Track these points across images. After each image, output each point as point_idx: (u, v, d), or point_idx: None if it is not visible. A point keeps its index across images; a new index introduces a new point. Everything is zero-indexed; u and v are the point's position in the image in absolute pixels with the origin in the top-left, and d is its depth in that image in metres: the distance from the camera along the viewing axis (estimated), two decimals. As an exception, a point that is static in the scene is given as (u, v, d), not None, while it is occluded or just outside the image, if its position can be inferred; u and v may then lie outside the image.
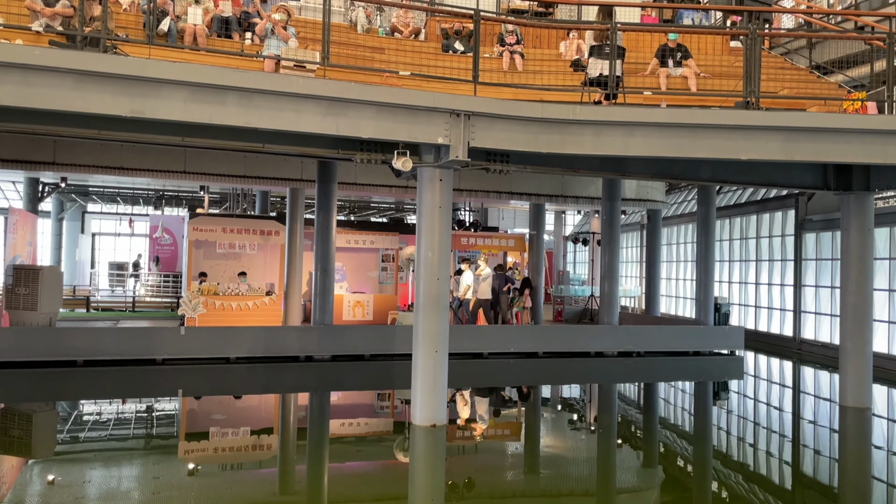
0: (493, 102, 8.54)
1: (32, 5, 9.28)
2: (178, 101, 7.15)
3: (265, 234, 16.45)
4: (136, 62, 7.03)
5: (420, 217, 8.96)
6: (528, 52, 13.36)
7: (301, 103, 7.78)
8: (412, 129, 8.28)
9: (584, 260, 30.88)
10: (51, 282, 13.34)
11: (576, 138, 8.59)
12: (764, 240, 19.88)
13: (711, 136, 8.45)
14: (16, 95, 6.47)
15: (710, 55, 13.49)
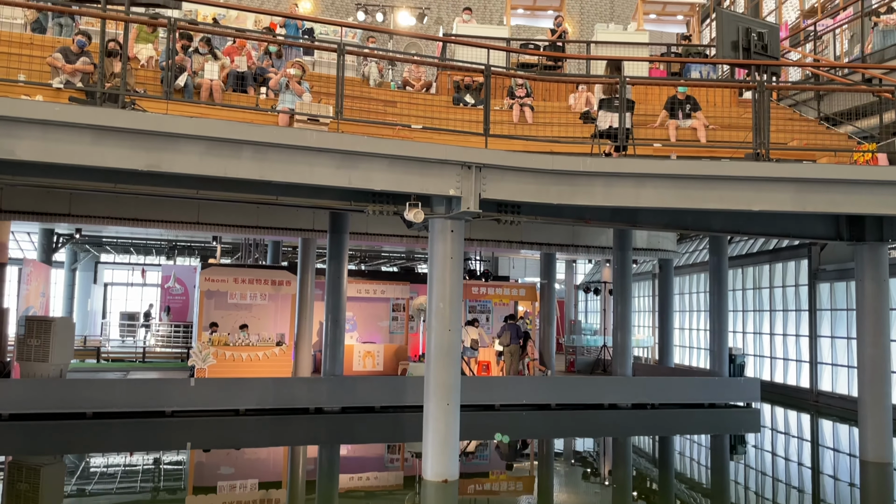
0: (503, 154, 8.61)
1: (53, 62, 9.53)
2: (194, 155, 7.25)
3: (276, 284, 16.49)
4: (153, 118, 7.16)
5: (431, 268, 8.96)
6: (537, 105, 13.54)
7: (314, 156, 7.88)
8: (424, 181, 8.35)
9: (595, 309, 30.69)
10: (63, 333, 13.36)
11: (586, 189, 8.63)
12: (777, 290, 19.72)
13: (722, 188, 8.47)
14: (36, 150, 6.59)
15: (719, 107, 13.63)
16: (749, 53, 8.66)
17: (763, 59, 8.68)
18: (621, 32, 16.34)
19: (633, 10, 20.13)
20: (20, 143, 6.56)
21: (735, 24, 8.77)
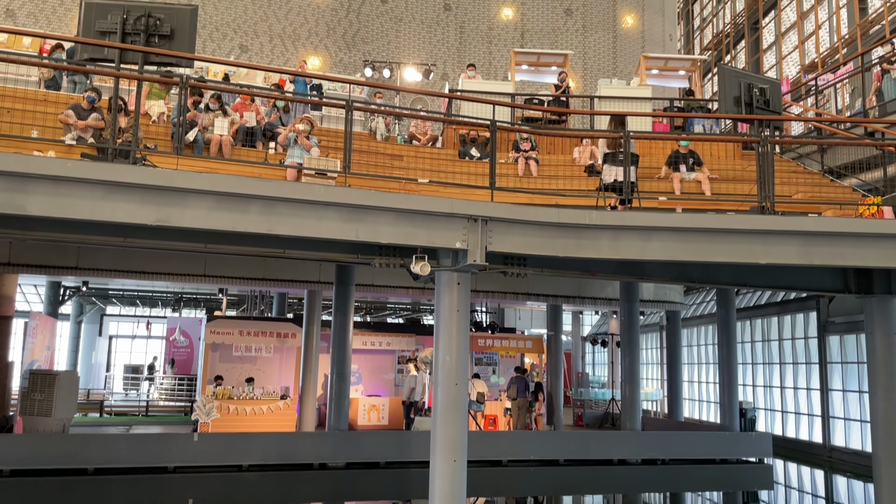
0: (509, 208, 8.65)
1: (66, 119, 9.70)
2: (203, 210, 7.30)
3: (282, 336, 16.43)
4: (163, 173, 7.24)
5: (438, 321, 8.92)
6: (542, 158, 13.67)
7: (322, 210, 7.92)
8: (430, 235, 8.37)
9: (603, 361, 30.40)
10: (67, 387, 13.27)
11: (593, 243, 8.63)
12: (787, 342, 19.53)
13: (729, 241, 8.46)
14: (47, 206, 6.65)
15: (723, 160, 13.74)
16: (752, 108, 8.76)
17: (766, 113, 8.78)
18: (624, 87, 16.60)
19: (635, 66, 20.48)
20: (31, 199, 6.63)
21: (737, 79, 8.90)
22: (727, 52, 30.10)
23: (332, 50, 23.60)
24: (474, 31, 24.74)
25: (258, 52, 22.91)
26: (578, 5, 24.99)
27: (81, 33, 7.48)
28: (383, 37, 24.14)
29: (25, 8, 21.20)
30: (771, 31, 27.42)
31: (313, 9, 23.57)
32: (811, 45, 23.68)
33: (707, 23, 33.61)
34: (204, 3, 22.40)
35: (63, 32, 20.15)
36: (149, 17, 7.47)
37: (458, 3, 24.76)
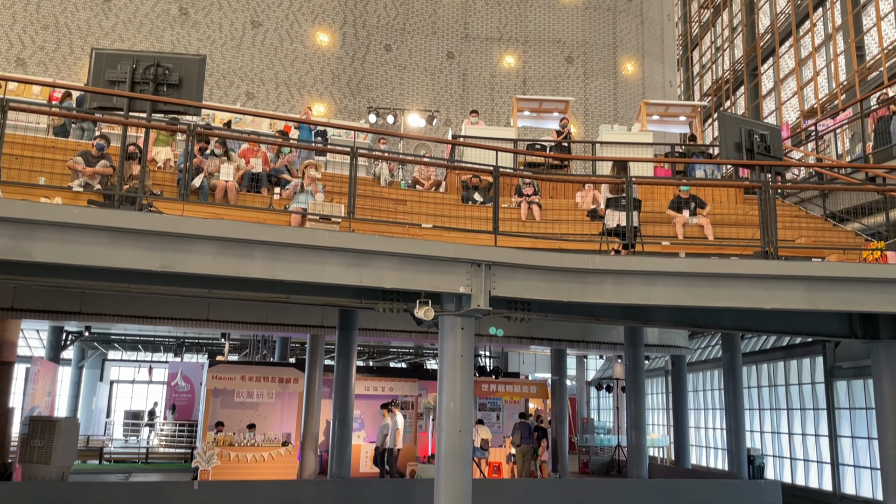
0: (513, 252, 8.67)
1: (74, 165, 9.81)
2: (208, 256, 7.33)
3: (284, 381, 16.31)
4: (168, 219, 7.29)
5: (441, 366, 8.87)
6: (545, 203, 13.74)
7: (326, 255, 7.94)
8: (434, 279, 8.37)
9: (608, 406, 30.07)
10: (67, 434, 13.15)
11: (596, 287, 8.62)
12: (794, 387, 19.33)
13: (733, 286, 8.45)
14: (52, 252, 6.69)
15: (725, 204, 13.80)
16: (752, 154, 8.84)
17: (767, 159, 8.85)
18: (625, 133, 16.77)
19: (636, 112, 20.73)
20: (37, 245, 6.66)
21: (737, 125, 8.99)
22: (727, 97, 30.49)
23: (336, 97, 23.95)
24: (477, 78, 25.13)
25: (264, 99, 23.26)
26: (579, 53, 25.42)
27: (91, 82, 7.61)
28: (387, 84, 24.52)
29: (36, 57, 21.62)
30: (770, 77, 27.81)
31: (319, 57, 24.00)
32: (810, 91, 23.99)
33: (706, 69, 34.12)
34: (211, 51, 22.83)
35: (72, 81, 20.50)
36: (158, 66, 7.61)
37: (460, 51, 25.21)
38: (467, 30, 25.36)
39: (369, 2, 24.76)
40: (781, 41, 26.51)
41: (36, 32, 21.71)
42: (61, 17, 22.00)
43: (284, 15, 23.93)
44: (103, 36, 22.14)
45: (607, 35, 25.68)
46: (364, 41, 24.50)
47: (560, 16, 25.59)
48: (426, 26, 25.11)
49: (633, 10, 26.05)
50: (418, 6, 25.17)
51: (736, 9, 31.02)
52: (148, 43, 22.43)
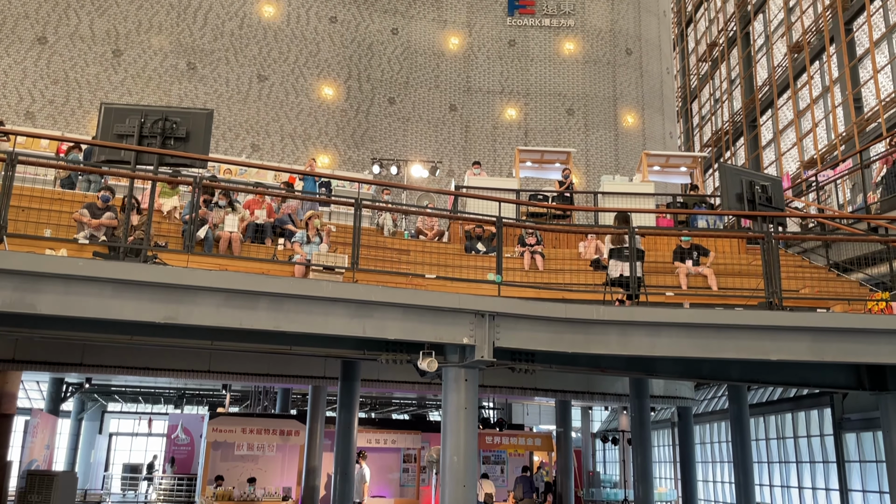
0: (516, 303, 8.65)
1: (80, 218, 9.88)
2: (211, 307, 7.32)
3: (285, 434, 16.11)
4: (172, 271, 7.31)
5: (445, 419, 8.75)
6: (548, 252, 13.76)
7: (329, 306, 7.93)
8: (437, 330, 8.34)
9: (614, 459, 29.57)
10: (65, 489, 12.96)
11: (601, 338, 8.57)
12: (802, 439, 19.03)
13: (738, 337, 8.40)
14: (56, 305, 6.69)
15: (728, 254, 13.81)
16: (754, 205, 8.89)
17: (769, 210, 8.89)
18: (627, 183, 16.89)
19: (637, 163, 20.92)
20: (42, 298, 6.67)
21: (738, 177, 9.07)
22: (727, 148, 30.80)
23: (341, 148, 24.24)
24: (479, 130, 25.46)
25: (269, 151, 23.54)
26: (580, 105, 25.80)
27: (100, 136, 7.72)
28: (391, 135, 24.85)
29: (45, 111, 21.98)
30: (769, 128, 28.14)
31: (324, 110, 24.37)
32: (809, 142, 24.24)
33: (706, 121, 34.56)
34: (218, 104, 23.21)
35: (81, 133, 20.80)
36: (165, 120, 7.73)
37: (463, 103, 25.60)
38: (469, 83, 25.81)
39: (374, 56, 25.26)
40: (779, 93, 26.90)
41: (46, 87, 22.12)
42: (71, 71, 22.45)
43: (290, 69, 24.40)
44: (112, 90, 22.55)
45: (607, 88, 26.10)
46: (368, 94, 24.91)
47: (560, 69, 26.06)
48: (429, 80, 25.56)
49: (632, 64, 26.53)
50: (422, 61, 25.66)
51: (734, 62, 31.57)
52: (156, 96, 22.83)
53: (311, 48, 24.74)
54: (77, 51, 22.63)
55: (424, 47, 25.80)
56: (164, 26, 23.58)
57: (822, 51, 23.91)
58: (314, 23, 24.98)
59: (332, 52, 24.88)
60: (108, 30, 23.05)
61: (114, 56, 22.92)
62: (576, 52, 26.20)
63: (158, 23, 23.56)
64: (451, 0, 26.32)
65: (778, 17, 27.76)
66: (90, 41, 22.81)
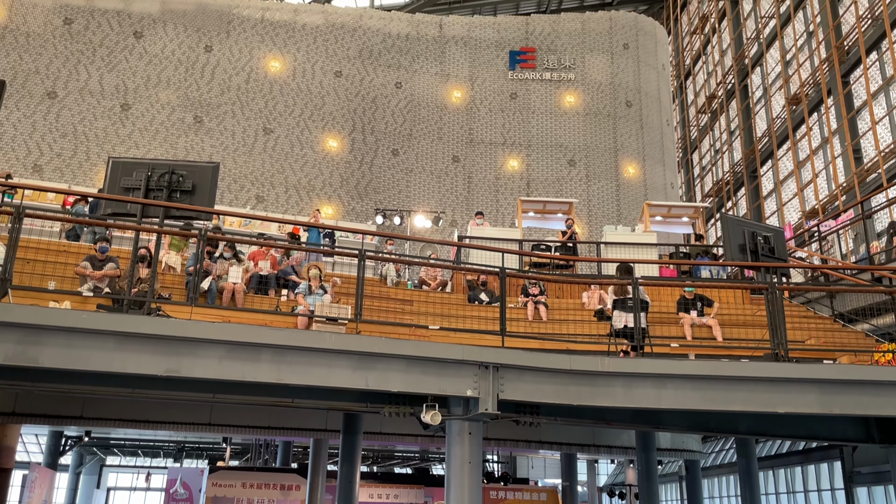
0: (520, 354, 8.59)
1: (82, 270, 9.92)
2: (213, 360, 7.28)
3: (285, 488, 15.84)
4: (176, 324, 7.30)
5: (448, 473, 8.61)
6: (551, 302, 13.73)
7: (332, 358, 7.88)
8: (441, 382, 8.26)
9: (620, 514, 28.92)
10: (60, 544, 12.67)
11: (606, 390, 8.48)
12: (813, 493, 18.66)
13: (745, 389, 8.31)
14: (59, 358, 6.66)
15: (732, 304, 13.76)
16: (757, 256, 8.89)
17: (771, 261, 8.90)
18: (629, 234, 16.95)
19: (639, 213, 21.03)
20: (44, 351, 6.64)
21: (740, 228, 9.09)
22: (728, 198, 30.98)
23: (345, 199, 24.44)
24: (482, 181, 25.69)
25: (274, 202, 23.73)
26: (581, 156, 26.06)
27: (107, 189, 7.80)
28: (394, 186, 25.06)
29: (52, 163, 22.26)
30: (769, 178, 28.34)
31: (328, 161, 24.65)
32: (810, 193, 24.38)
33: (707, 171, 34.85)
34: (224, 157, 23.51)
35: (87, 186, 21.02)
36: (172, 173, 7.82)
37: (465, 154, 25.89)
38: (472, 135, 26.14)
39: (378, 109, 25.66)
40: (779, 144, 27.18)
41: (54, 140, 22.45)
42: (80, 125, 22.80)
43: (296, 122, 24.78)
44: (119, 143, 22.88)
45: (608, 139, 26.41)
46: (372, 146, 25.23)
47: (561, 121, 26.42)
48: (432, 132, 25.91)
49: (632, 116, 26.89)
50: (425, 113, 26.05)
51: (733, 113, 32.00)
52: (163, 149, 23.14)
53: (317, 101, 25.17)
54: (86, 105, 23.03)
55: (427, 100, 26.22)
56: (173, 81, 24.04)
57: (820, 103, 24.24)
58: (319, 77, 25.46)
59: (336, 106, 25.30)
60: (117, 84, 23.50)
61: (122, 110, 23.32)
62: (576, 105, 26.60)
63: (167, 78, 24.03)
64: (454, 55, 26.86)
65: (775, 71, 28.22)
66: (99, 95, 23.23)
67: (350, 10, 27.27)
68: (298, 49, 25.55)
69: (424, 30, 27.05)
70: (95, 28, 23.87)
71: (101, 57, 23.63)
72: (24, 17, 23.29)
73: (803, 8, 26.15)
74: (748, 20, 31.10)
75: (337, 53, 25.89)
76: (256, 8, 25.87)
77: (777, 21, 27.49)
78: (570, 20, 27.76)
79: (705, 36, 35.61)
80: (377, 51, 26.31)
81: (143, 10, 24.58)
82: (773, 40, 28.37)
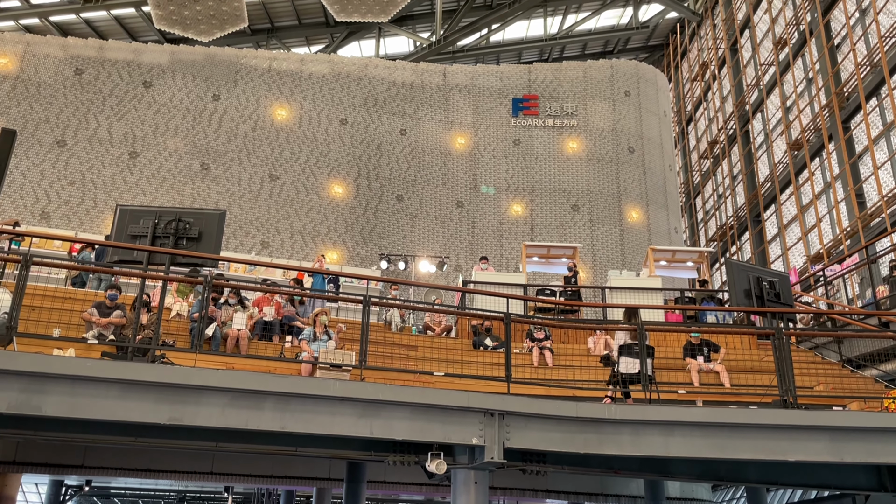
0: (527, 401, 8.51)
1: (88, 317, 9.93)
2: (217, 408, 7.24)
3: (288, 539, 15.55)
4: (179, 371, 7.27)
5: (454, 524, 8.46)
6: (557, 347, 13.66)
7: (336, 406, 7.82)
8: (446, 430, 8.18)
9: (630, 566, 28.20)
10: None
11: (613, 438, 8.38)
12: (826, 543, 18.20)
13: (754, 436, 8.20)
14: (62, 406, 6.63)
15: (739, 349, 13.67)
16: (763, 301, 8.87)
17: (777, 306, 8.87)
18: (634, 278, 16.95)
19: (643, 257, 21.06)
20: (48, 399, 6.62)
21: (745, 273, 9.09)
22: (732, 243, 31.00)
23: (349, 244, 24.54)
24: (486, 226, 25.80)
25: (279, 248, 23.83)
26: (584, 201, 26.21)
27: (114, 236, 7.86)
28: (399, 231, 25.18)
29: (60, 211, 22.46)
30: (773, 223, 28.40)
31: (333, 207, 24.83)
32: (814, 237, 24.40)
33: (710, 216, 34.96)
34: (230, 203, 23.70)
35: (94, 233, 21.17)
36: (179, 221, 7.88)
37: (469, 200, 26.06)
38: (476, 180, 26.36)
39: (382, 156, 25.95)
40: (782, 189, 27.32)
41: (62, 188, 22.69)
42: (88, 173, 23.08)
43: (301, 169, 25.04)
44: (127, 190, 23.11)
45: (611, 184, 26.59)
46: (377, 192, 25.43)
47: (564, 167, 26.65)
48: (436, 178, 26.13)
49: (635, 162, 27.12)
50: (429, 160, 26.32)
51: (735, 158, 32.24)
52: (169, 196, 23.35)
53: (322, 148, 25.47)
54: (94, 153, 23.34)
55: (432, 147, 26.52)
56: (181, 129, 24.39)
57: (822, 148, 24.43)
58: (325, 125, 25.82)
59: (342, 152, 25.59)
60: (125, 133, 23.85)
61: (130, 158, 23.62)
62: (579, 151, 26.86)
63: (175, 126, 24.39)
64: (458, 103, 27.25)
65: (776, 116, 28.53)
66: (108, 144, 23.56)
67: (356, 60, 27.78)
68: (305, 97, 25.97)
69: (428, 78, 27.50)
70: (105, 78, 24.33)
71: (111, 106, 24.04)
72: (36, 68, 23.78)
73: (802, 55, 26.55)
74: (748, 67, 31.57)
75: (342, 101, 26.29)
76: (264, 58, 26.39)
77: (776, 68, 27.90)
78: (572, 68, 28.22)
79: (706, 83, 36.10)
80: (382, 99, 26.72)
81: (153, 60, 25.08)
82: (773, 87, 28.74)
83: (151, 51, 25.38)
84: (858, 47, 22.38)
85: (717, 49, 34.28)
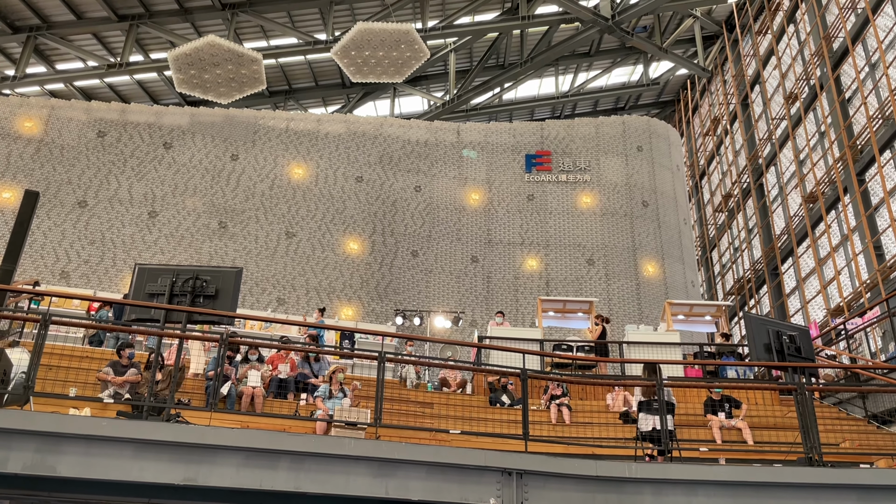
0: (545, 460, 8.35)
1: (104, 376, 9.95)
2: (231, 467, 7.17)
3: None
4: (195, 430, 7.24)
5: (472, 589, 8.21)
6: (575, 404, 13.47)
7: (352, 465, 7.72)
8: (463, 490, 8.02)
9: None
10: None
11: (634, 498, 8.18)
12: None
13: (780, 495, 7.97)
14: (77, 467, 6.60)
15: (762, 405, 13.41)
16: (783, 356, 8.73)
17: (798, 360, 8.73)
18: (652, 333, 16.78)
19: (660, 311, 20.87)
20: (63, 460, 6.59)
21: (764, 327, 8.98)
22: (750, 296, 30.71)
23: (364, 300, 24.57)
24: (501, 281, 25.78)
25: (294, 304, 23.90)
26: (600, 255, 26.19)
27: (133, 295, 7.94)
28: (414, 287, 25.21)
29: (79, 270, 22.74)
30: (791, 276, 28.16)
31: (348, 264, 24.97)
32: (834, 289, 24.13)
33: (727, 269, 34.74)
34: (247, 261, 23.92)
35: (112, 292, 21.38)
36: (196, 279, 7.96)
37: (484, 255, 26.13)
38: (490, 235, 26.47)
39: (397, 212, 26.19)
40: (799, 241, 27.17)
41: (83, 247, 23.03)
42: (108, 232, 23.43)
43: (317, 226, 25.29)
44: (146, 249, 23.41)
45: (626, 239, 26.59)
46: (392, 248, 25.58)
47: (579, 222, 26.73)
48: (451, 233, 26.28)
49: (649, 216, 27.17)
50: (443, 215, 26.52)
51: (750, 212, 32.20)
52: (187, 254, 23.61)
53: (338, 206, 25.77)
54: (115, 213, 23.75)
55: (446, 203, 26.76)
56: (199, 188, 24.82)
57: (837, 200, 24.38)
58: (341, 182, 26.18)
59: (357, 209, 25.86)
60: (145, 193, 24.29)
61: (149, 217, 23.99)
62: (593, 205, 26.98)
63: (193, 185, 24.83)
64: (471, 160, 27.59)
65: (790, 170, 28.58)
66: (128, 204, 23.98)
67: (371, 119, 28.32)
68: (321, 156, 26.41)
69: (443, 136, 27.93)
70: (127, 140, 24.92)
71: (132, 167, 24.55)
72: (60, 131, 24.42)
73: (813, 109, 26.74)
74: (759, 121, 31.80)
75: (358, 160, 26.71)
76: (281, 118, 26.97)
77: (788, 122, 28.08)
78: (584, 124, 28.58)
79: (718, 137, 36.35)
80: (397, 156, 27.12)
81: (174, 122, 25.70)
82: (785, 140, 28.89)
83: (172, 113, 26.03)
84: (870, 101, 22.53)
85: (729, 104, 34.63)
